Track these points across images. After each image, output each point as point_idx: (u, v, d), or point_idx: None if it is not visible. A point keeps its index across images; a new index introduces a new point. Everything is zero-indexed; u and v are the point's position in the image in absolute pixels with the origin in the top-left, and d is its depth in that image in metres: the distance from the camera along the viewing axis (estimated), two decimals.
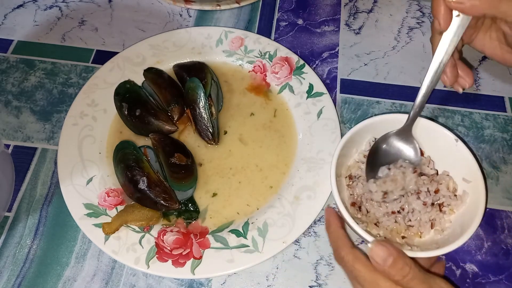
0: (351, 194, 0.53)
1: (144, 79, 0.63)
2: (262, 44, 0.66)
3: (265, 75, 0.65)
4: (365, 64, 0.68)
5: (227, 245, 0.51)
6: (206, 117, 0.57)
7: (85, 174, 0.55)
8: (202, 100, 0.57)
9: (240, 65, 0.66)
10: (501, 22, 0.41)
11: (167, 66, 0.65)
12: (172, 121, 0.59)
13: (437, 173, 0.54)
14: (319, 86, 0.62)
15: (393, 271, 0.40)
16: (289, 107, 0.62)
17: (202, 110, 0.57)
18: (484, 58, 0.69)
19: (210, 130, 0.58)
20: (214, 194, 0.56)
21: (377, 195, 0.50)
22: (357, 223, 0.47)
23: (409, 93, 0.65)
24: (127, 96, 0.60)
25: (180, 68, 0.63)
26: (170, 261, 0.50)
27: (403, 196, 0.50)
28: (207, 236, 0.52)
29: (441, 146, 0.53)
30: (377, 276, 0.41)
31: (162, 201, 0.52)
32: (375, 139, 0.55)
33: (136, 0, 0.74)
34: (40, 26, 0.71)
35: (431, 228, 0.51)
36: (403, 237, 0.51)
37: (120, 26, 0.71)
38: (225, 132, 0.60)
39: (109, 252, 0.50)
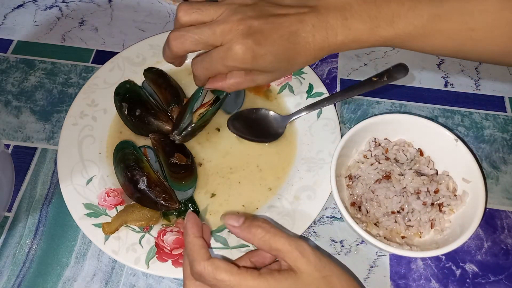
0: (351, 194, 0.53)
1: (144, 79, 0.63)
2: None
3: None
4: (365, 64, 0.68)
5: (227, 245, 0.51)
6: (186, 116, 0.56)
7: (85, 174, 0.55)
8: (194, 102, 0.56)
9: None
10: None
11: (167, 66, 0.65)
12: (172, 121, 0.59)
13: (436, 173, 0.54)
14: (319, 86, 0.62)
15: (251, 232, 0.41)
16: (289, 107, 0.62)
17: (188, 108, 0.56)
18: None
19: (180, 125, 0.56)
20: (213, 195, 0.56)
21: None
22: (357, 223, 0.47)
23: (409, 93, 0.65)
24: (127, 96, 0.60)
25: None
26: (170, 261, 0.50)
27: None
28: None
29: (441, 146, 0.53)
30: (243, 277, 0.38)
31: (162, 201, 0.52)
32: (375, 139, 0.56)
33: (136, 0, 0.74)
34: (40, 26, 0.71)
35: (431, 228, 0.51)
36: (403, 237, 0.51)
37: (120, 26, 0.71)
38: (218, 130, 0.60)
39: (109, 252, 0.50)
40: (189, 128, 0.56)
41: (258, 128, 0.60)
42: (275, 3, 0.46)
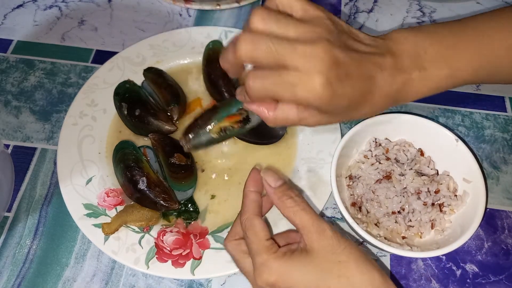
0: (351, 195, 0.53)
1: (143, 79, 0.63)
2: None
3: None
4: None
5: None
6: (206, 125, 0.48)
7: (84, 174, 0.55)
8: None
9: None
10: None
11: (167, 66, 0.65)
12: (171, 121, 0.59)
13: (437, 173, 0.54)
14: None
15: (281, 199, 0.41)
16: None
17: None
18: None
19: (195, 132, 0.48)
20: (213, 196, 0.55)
21: None
22: (358, 224, 0.47)
23: None
24: (126, 96, 0.60)
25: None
26: (169, 262, 0.50)
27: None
28: (207, 236, 0.52)
29: (441, 146, 0.53)
30: (262, 253, 0.39)
31: (161, 201, 0.51)
32: (376, 139, 0.55)
33: (136, 0, 0.74)
34: (40, 26, 0.71)
35: (432, 228, 0.51)
36: (403, 238, 0.50)
37: (119, 26, 0.71)
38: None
39: (108, 252, 0.50)
40: (204, 140, 0.48)
41: (259, 129, 0.59)
42: (356, 39, 0.39)
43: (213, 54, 0.63)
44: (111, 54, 0.65)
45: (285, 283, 0.37)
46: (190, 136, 0.47)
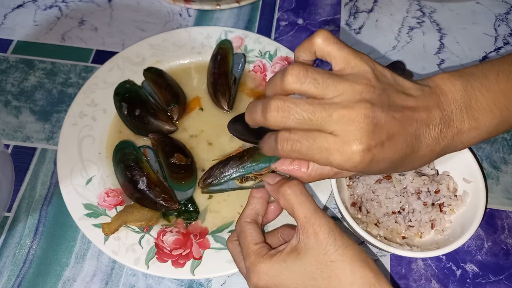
0: (351, 195, 0.53)
1: (143, 79, 0.63)
2: (262, 43, 0.66)
3: (265, 75, 0.65)
4: None
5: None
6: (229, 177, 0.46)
7: (84, 174, 0.55)
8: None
9: None
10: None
11: (167, 66, 0.65)
12: (171, 121, 0.59)
13: (437, 173, 0.54)
14: None
15: (280, 192, 0.39)
16: None
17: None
18: (484, 58, 0.69)
19: (216, 179, 0.47)
20: (211, 196, 0.55)
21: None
22: (358, 224, 0.47)
23: None
24: (126, 96, 0.60)
25: None
26: (169, 262, 0.50)
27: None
28: (207, 236, 0.52)
29: None
30: (251, 257, 0.39)
31: (161, 201, 0.51)
32: None
33: (136, 0, 0.74)
34: (40, 26, 0.71)
35: (432, 228, 0.51)
36: (403, 238, 0.50)
37: (119, 26, 0.71)
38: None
39: (108, 252, 0.50)
40: (224, 188, 0.47)
41: (259, 130, 0.59)
42: (402, 91, 0.36)
43: (222, 52, 0.63)
44: (111, 54, 0.65)
45: (274, 286, 0.37)
46: (209, 182, 0.47)
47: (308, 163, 0.38)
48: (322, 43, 0.36)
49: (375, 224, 0.51)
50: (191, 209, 0.54)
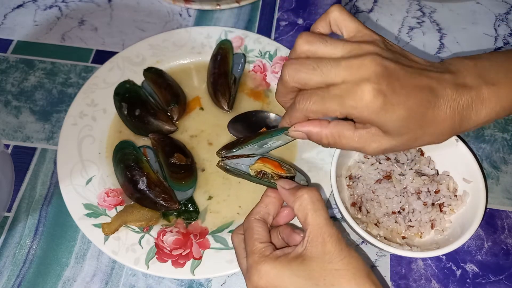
0: (351, 195, 0.53)
1: (143, 79, 0.63)
2: (262, 43, 0.66)
3: (265, 75, 0.65)
4: None
5: (227, 246, 0.51)
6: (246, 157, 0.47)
7: (84, 174, 0.55)
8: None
9: None
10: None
11: (167, 66, 0.65)
12: (171, 121, 0.59)
13: (437, 173, 0.54)
14: None
15: (296, 195, 0.39)
16: None
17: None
18: None
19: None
20: (210, 197, 0.55)
21: None
22: (358, 224, 0.47)
23: None
24: (126, 96, 0.60)
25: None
26: (169, 262, 0.50)
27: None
28: (207, 236, 0.52)
29: (441, 146, 0.53)
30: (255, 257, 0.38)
31: (161, 201, 0.51)
32: None
33: (136, 0, 0.74)
34: (40, 26, 0.71)
35: (432, 228, 0.51)
36: (403, 238, 0.50)
37: (119, 26, 0.71)
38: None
39: (108, 252, 0.50)
40: (238, 169, 0.47)
41: (259, 130, 0.59)
42: (411, 59, 0.38)
43: (222, 52, 0.63)
44: (111, 54, 0.65)
45: (273, 286, 0.36)
46: (224, 152, 0.47)
47: (327, 123, 0.38)
48: (337, 14, 0.39)
49: (375, 224, 0.51)
50: (191, 209, 0.54)
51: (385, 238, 0.50)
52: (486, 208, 0.49)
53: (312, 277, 0.36)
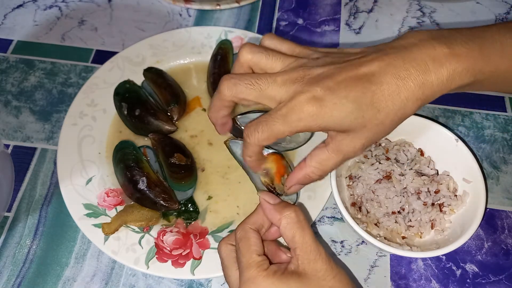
0: (351, 195, 0.53)
1: (143, 78, 0.63)
2: None
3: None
4: None
5: None
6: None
7: (84, 174, 0.55)
8: None
9: None
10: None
11: (166, 66, 0.65)
12: (171, 121, 0.59)
13: (437, 173, 0.54)
14: None
15: (282, 213, 0.39)
16: None
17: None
18: None
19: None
20: (210, 197, 0.55)
21: None
22: (357, 224, 0.47)
23: None
24: (126, 96, 0.60)
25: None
26: (169, 262, 0.50)
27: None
28: (207, 236, 0.52)
29: (441, 146, 0.53)
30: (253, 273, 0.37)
31: (161, 201, 0.51)
32: None
33: (136, 0, 0.74)
34: (40, 26, 0.71)
35: (432, 228, 0.51)
36: (403, 238, 0.50)
37: (119, 26, 0.71)
38: None
39: (108, 252, 0.50)
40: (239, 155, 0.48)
41: None
42: (347, 53, 0.39)
43: (222, 52, 0.63)
44: (111, 54, 0.65)
45: None
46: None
47: (305, 164, 0.40)
48: (268, 41, 0.41)
49: (375, 224, 0.51)
50: (191, 209, 0.54)
51: (385, 238, 0.50)
52: (486, 208, 0.49)
53: None
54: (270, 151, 0.48)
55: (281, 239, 0.43)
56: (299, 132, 0.37)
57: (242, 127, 0.47)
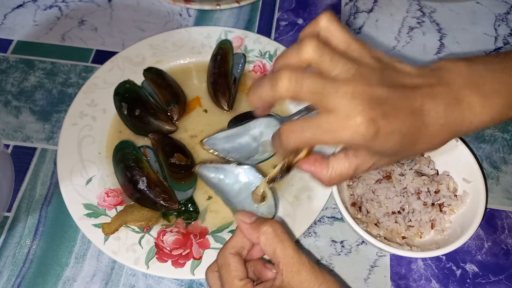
0: (351, 195, 0.53)
1: (143, 79, 0.63)
2: (262, 43, 0.66)
3: (265, 75, 0.64)
4: None
5: None
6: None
7: (84, 174, 0.55)
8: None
9: None
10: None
11: (166, 66, 0.65)
12: (171, 121, 0.59)
13: (437, 173, 0.54)
14: None
15: (259, 230, 0.39)
16: (289, 107, 0.62)
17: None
18: None
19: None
20: (210, 197, 0.55)
21: None
22: (357, 224, 0.47)
23: None
24: (126, 96, 0.60)
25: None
26: (169, 262, 0.50)
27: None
28: (206, 236, 0.52)
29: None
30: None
31: (161, 201, 0.51)
32: None
33: (136, 0, 0.74)
34: (40, 26, 0.71)
35: (432, 229, 0.51)
36: (403, 238, 0.50)
37: (119, 26, 0.71)
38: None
39: (108, 252, 0.50)
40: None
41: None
42: (401, 72, 0.37)
43: (222, 52, 0.63)
44: (111, 54, 0.65)
45: None
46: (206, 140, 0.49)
47: (327, 165, 0.38)
48: (326, 23, 0.37)
49: (375, 224, 0.51)
50: (191, 209, 0.54)
51: (385, 238, 0.50)
52: (486, 208, 0.49)
53: None
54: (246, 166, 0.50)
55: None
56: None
57: (210, 151, 0.48)
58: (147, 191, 0.52)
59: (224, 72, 0.61)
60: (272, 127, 0.51)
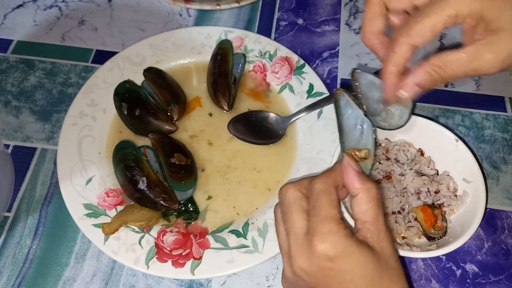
0: None
1: (143, 79, 0.63)
2: (262, 43, 0.66)
3: (265, 75, 0.65)
4: (366, 64, 0.68)
5: (227, 246, 0.51)
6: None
7: (84, 174, 0.55)
8: None
9: None
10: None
11: (166, 66, 0.65)
12: (171, 121, 0.59)
13: (437, 173, 0.54)
14: (319, 86, 0.62)
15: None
16: (289, 107, 0.62)
17: None
18: None
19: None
20: (209, 197, 0.55)
21: None
22: None
23: None
24: (126, 96, 0.60)
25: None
26: (169, 262, 0.50)
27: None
28: (207, 236, 0.52)
29: (441, 146, 0.53)
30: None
31: (161, 201, 0.52)
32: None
33: (136, 0, 0.74)
34: (40, 26, 0.71)
35: None
36: (403, 238, 0.50)
37: (119, 26, 0.71)
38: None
39: (108, 252, 0.50)
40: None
41: (259, 130, 0.59)
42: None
43: (222, 52, 0.63)
44: (111, 54, 0.65)
45: (342, 264, 0.34)
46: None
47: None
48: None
49: None
50: (191, 209, 0.54)
51: None
52: (486, 208, 0.49)
53: (378, 269, 0.35)
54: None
55: None
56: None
57: (357, 83, 0.47)
58: (147, 191, 0.52)
59: (224, 72, 0.61)
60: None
